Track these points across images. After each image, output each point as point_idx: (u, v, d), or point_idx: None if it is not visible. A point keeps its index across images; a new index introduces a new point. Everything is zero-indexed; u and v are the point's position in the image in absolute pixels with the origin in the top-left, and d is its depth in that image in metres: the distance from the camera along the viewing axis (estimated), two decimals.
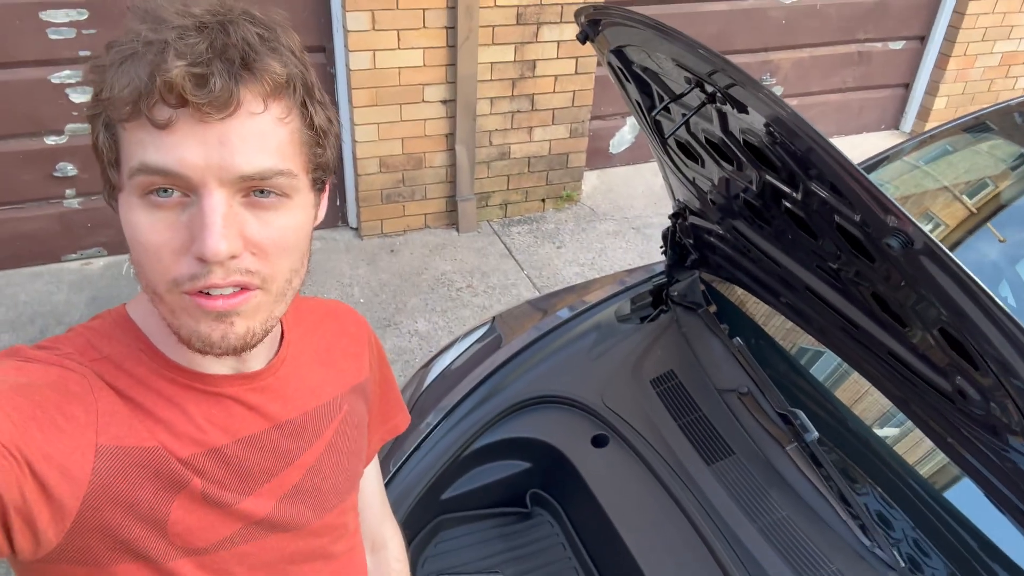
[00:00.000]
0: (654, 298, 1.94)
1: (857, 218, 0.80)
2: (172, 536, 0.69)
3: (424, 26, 3.29)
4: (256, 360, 0.77)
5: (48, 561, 0.65)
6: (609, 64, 1.23)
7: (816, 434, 1.47)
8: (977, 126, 2.13)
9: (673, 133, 1.13)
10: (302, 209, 0.68)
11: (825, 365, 1.70)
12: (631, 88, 1.24)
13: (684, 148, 1.31)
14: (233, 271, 0.63)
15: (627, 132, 4.32)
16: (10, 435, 0.58)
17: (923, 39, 4.77)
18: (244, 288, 0.64)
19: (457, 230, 3.81)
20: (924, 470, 1.39)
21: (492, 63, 3.51)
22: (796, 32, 4.42)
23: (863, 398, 1.56)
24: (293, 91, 0.65)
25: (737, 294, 1.94)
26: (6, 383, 0.62)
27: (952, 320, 0.78)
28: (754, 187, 1.11)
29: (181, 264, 0.62)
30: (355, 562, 0.91)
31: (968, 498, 1.28)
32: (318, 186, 0.71)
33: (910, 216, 0.71)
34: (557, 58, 3.65)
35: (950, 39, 4.68)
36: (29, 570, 0.68)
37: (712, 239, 1.65)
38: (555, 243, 3.78)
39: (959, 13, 4.60)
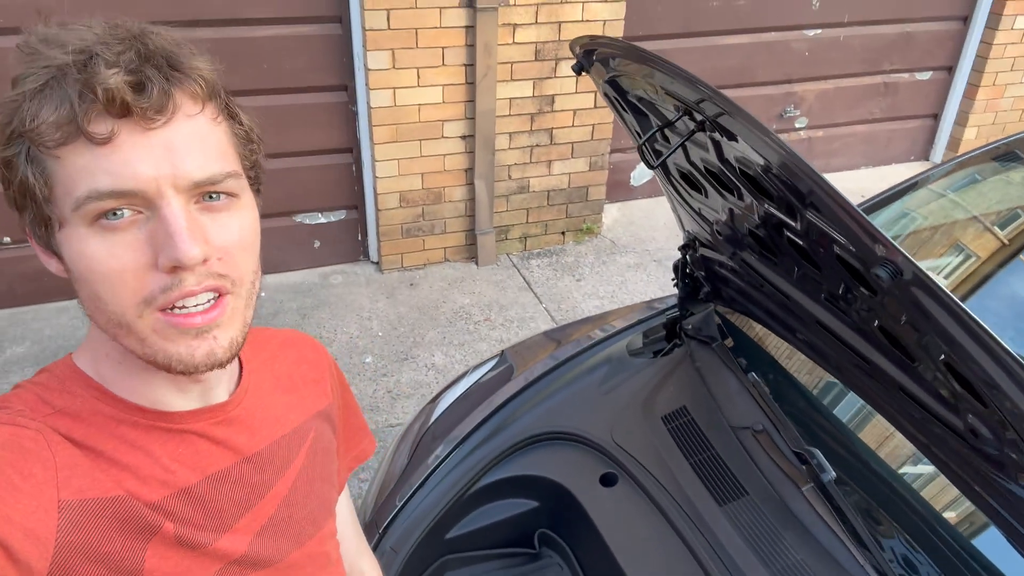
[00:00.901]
0: (668, 331, 1.90)
1: (852, 248, 0.77)
2: None
3: (443, 64, 3.33)
4: (220, 391, 0.75)
5: None
6: (605, 95, 1.22)
7: (833, 474, 1.40)
8: (1007, 155, 2.07)
9: (664, 160, 1.11)
10: (249, 208, 0.67)
11: (843, 404, 1.64)
12: (628, 118, 1.22)
13: (687, 178, 1.29)
14: (205, 276, 0.62)
15: (640, 169, 4.31)
16: None
17: (951, 69, 4.71)
18: (218, 294, 0.63)
19: (476, 263, 3.81)
20: (946, 513, 1.32)
21: (511, 98, 3.54)
22: (820, 63, 4.39)
23: (882, 437, 1.49)
24: (220, 92, 0.65)
25: (755, 329, 1.89)
26: None
27: (950, 353, 0.74)
28: (756, 217, 1.08)
29: (148, 281, 0.60)
30: None
31: (991, 543, 1.21)
32: (255, 186, 0.71)
33: (898, 246, 0.67)
34: (576, 92, 3.66)
35: (978, 69, 4.62)
36: None
37: (724, 271, 1.61)
38: (575, 276, 3.75)
39: (986, 43, 4.54)
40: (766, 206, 0.96)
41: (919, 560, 1.31)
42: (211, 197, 0.63)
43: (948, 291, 0.68)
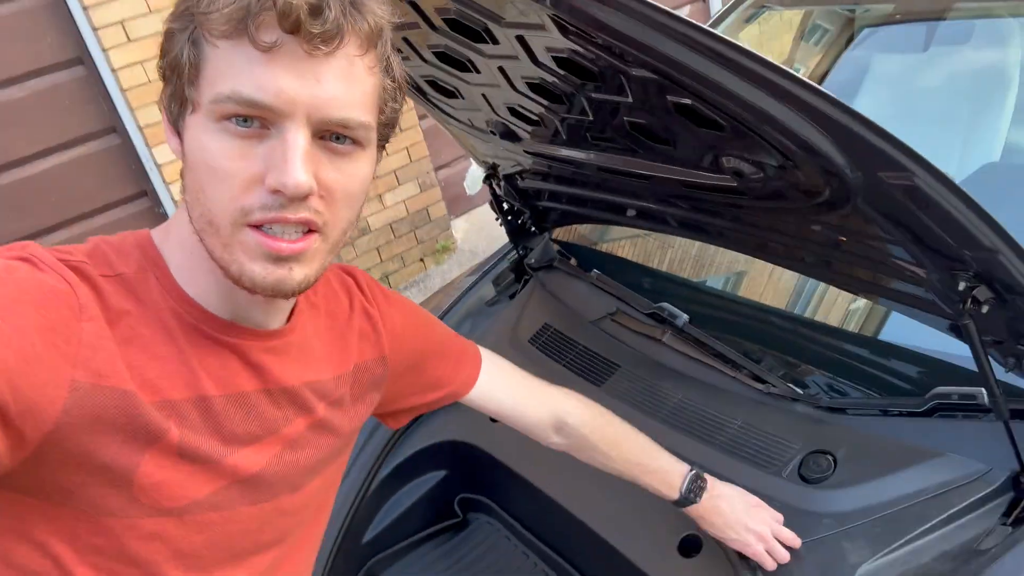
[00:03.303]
0: (515, 273, 1.92)
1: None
2: (138, 490, 0.64)
3: None
4: (272, 317, 0.74)
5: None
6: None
7: (686, 316, 1.45)
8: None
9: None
10: (369, 162, 0.68)
11: (678, 259, 1.71)
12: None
13: (444, 91, 1.30)
14: (302, 208, 0.62)
15: (476, 170, 4.39)
16: None
17: None
18: (309, 230, 0.63)
19: None
20: (787, 301, 1.38)
21: None
22: None
23: (714, 265, 1.56)
24: (384, 41, 0.65)
25: (588, 236, 1.94)
26: None
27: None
28: (578, 105, 1.06)
29: (252, 194, 0.61)
30: (307, 551, 0.86)
31: (828, 305, 1.27)
32: (382, 142, 0.71)
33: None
34: None
35: None
36: None
37: (535, 185, 1.65)
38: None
39: None
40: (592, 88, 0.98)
41: (791, 361, 1.36)
42: (337, 139, 0.63)
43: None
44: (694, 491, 1.06)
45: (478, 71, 1.15)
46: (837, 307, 1.42)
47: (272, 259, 0.62)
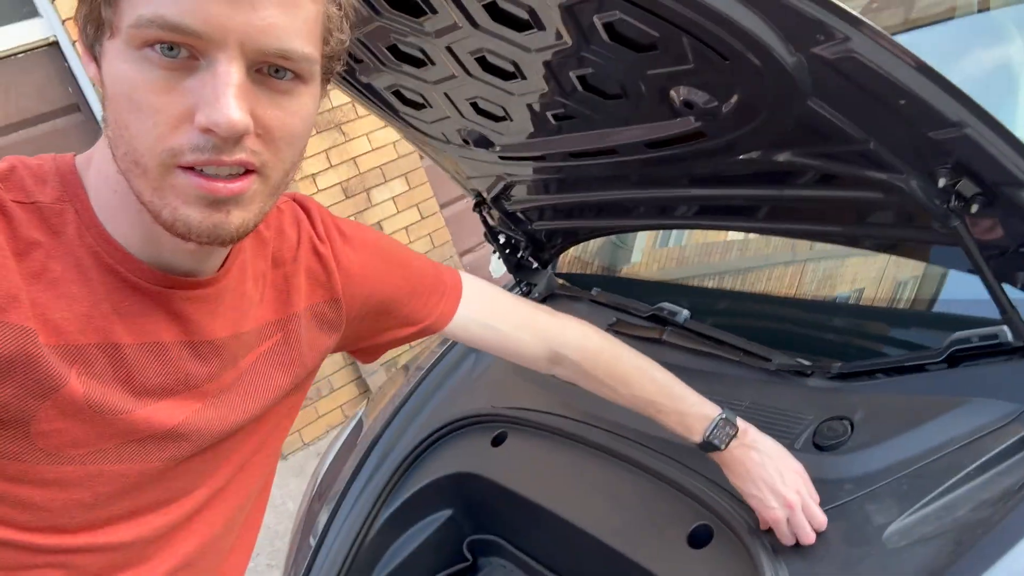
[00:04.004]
0: None
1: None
2: (36, 436, 0.59)
3: None
4: (208, 265, 0.68)
5: None
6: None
7: (686, 312, 1.38)
8: None
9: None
10: (312, 97, 0.62)
11: (679, 265, 1.65)
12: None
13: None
14: (238, 150, 0.56)
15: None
16: None
17: None
18: (246, 171, 0.57)
19: None
20: (773, 282, 1.30)
21: None
22: None
23: (709, 262, 1.49)
24: None
25: (592, 263, 1.90)
26: None
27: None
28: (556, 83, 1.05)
29: (180, 133, 0.55)
30: (243, 496, 0.79)
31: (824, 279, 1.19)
32: (327, 75, 0.65)
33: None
34: (398, 212, 3.79)
35: None
36: None
37: (516, 207, 1.63)
38: None
39: None
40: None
41: (796, 338, 1.27)
42: (276, 72, 0.57)
43: None
44: (720, 437, 0.95)
45: (432, 62, 1.15)
46: (833, 279, 1.33)
47: (209, 202, 0.57)
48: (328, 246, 0.82)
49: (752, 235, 1.50)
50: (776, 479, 0.92)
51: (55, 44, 3.02)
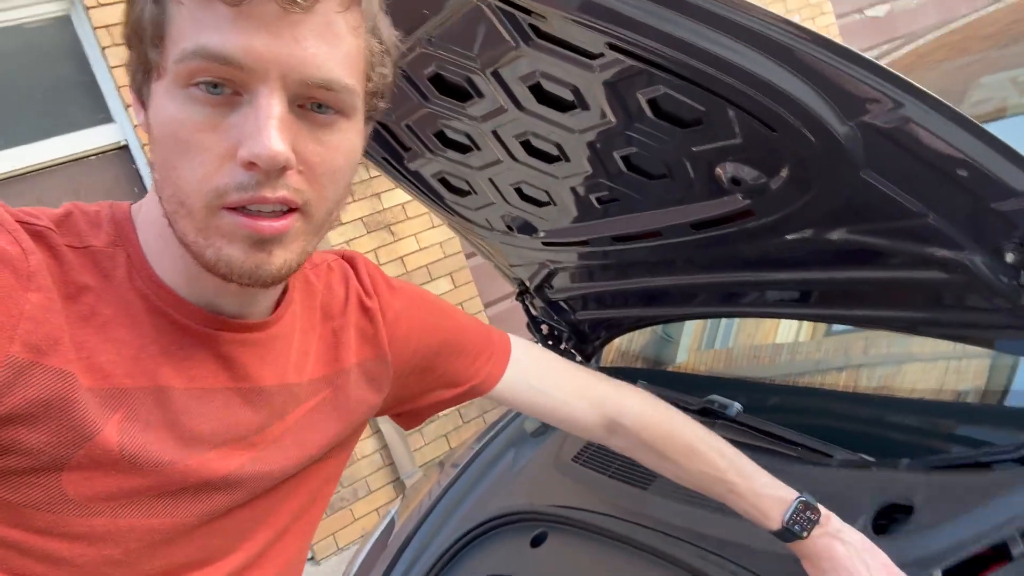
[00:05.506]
0: None
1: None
2: (67, 484, 0.57)
3: None
4: (257, 307, 0.67)
5: None
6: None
7: (738, 406, 1.31)
8: None
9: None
10: (355, 133, 0.61)
11: (715, 361, 1.59)
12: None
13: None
14: (281, 186, 0.56)
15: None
16: None
17: None
18: (289, 209, 0.57)
19: None
20: (840, 377, 1.23)
21: None
22: None
23: (760, 357, 1.43)
24: (373, 2, 0.61)
25: (638, 358, 1.85)
26: None
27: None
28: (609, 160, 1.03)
29: (225, 171, 0.55)
30: (289, 553, 0.75)
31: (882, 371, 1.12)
32: (370, 113, 0.65)
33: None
34: (419, 249, 3.76)
35: None
36: None
37: (559, 296, 1.62)
38: None
39: None
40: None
41: (843, 426, 1.19)
42: (319, 108, 0.58)
43: None
44: (801, 523, 0.86)
45: (478, 147, 1.17)
46: (892, 376, 1.26)
47: (253, 241, 0.56)
48: (375, 300, 0.81)
49: (803, 339, 1.45)
50: (866, 574, 0.83)
51: (125, 147, 3.21)
